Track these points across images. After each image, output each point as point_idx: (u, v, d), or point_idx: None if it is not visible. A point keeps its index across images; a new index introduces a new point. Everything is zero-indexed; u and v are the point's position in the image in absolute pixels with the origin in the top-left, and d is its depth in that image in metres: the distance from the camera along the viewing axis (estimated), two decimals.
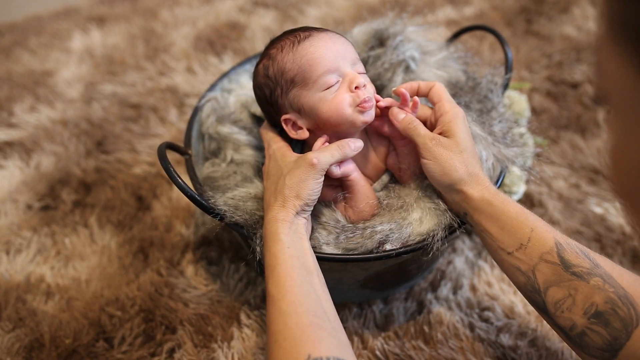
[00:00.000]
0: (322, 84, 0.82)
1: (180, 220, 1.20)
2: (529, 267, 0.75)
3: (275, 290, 0.73)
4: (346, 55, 0.84)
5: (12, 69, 1.68)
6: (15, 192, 1.29)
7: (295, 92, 0.84)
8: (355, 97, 0.82)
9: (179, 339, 1.00)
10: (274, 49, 0.87)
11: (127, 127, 1.45)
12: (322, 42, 0.84)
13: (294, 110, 0.86)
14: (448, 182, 0.80)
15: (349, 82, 0.82)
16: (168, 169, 0.84)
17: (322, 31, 0.86)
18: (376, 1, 1.86)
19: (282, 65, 0.84)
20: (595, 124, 1.36)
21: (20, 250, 1.17)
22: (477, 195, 0.79)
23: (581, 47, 1.58)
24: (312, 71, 0.82)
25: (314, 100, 0.83)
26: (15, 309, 1.05)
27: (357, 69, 0.85)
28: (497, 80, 1.01)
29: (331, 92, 0.82)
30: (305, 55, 0.83)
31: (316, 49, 0.83)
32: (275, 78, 0.85)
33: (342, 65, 0.83)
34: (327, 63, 0.82)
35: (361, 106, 0.81)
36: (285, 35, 0.88)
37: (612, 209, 1.16)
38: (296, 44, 0.84)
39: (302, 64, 0.83)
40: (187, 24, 1.83)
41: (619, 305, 0.68)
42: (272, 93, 0.87)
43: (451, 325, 1.00)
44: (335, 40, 0.85)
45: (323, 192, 0.88)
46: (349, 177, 0.86)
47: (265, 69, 0.87)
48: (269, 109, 0.90)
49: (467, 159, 0.80)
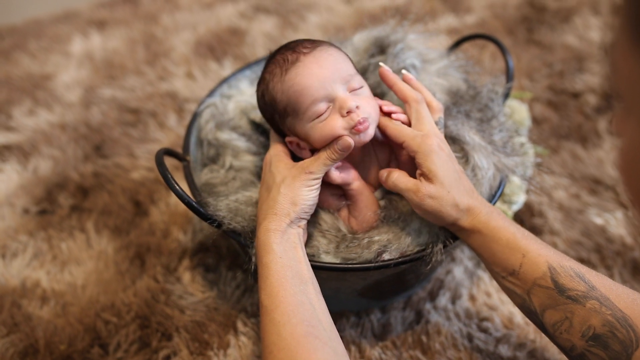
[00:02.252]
0: (312, 114, 0.81)
1: (177, 227, 1.19)
2: (524, 290, 0.75)
3: (268, 301, 0.72)
4: (335, 77, 0.81)
5: (12, 72, 1.67)
6: (13, 196, 1.28)
7: (289, 120, 0.84)
8: (349, 121, 0.80)
9: (175, 346, 0.99)
10: (267, 74, 0.86)
11: (125, 131, 1.44)
12: (308, 69, 0.81)
13: (293, 134, 0.86)
14: (442, 224, 0.82)
15: (339, 107, 0.80)
16: (165, 176, 0.83)
17: (310, 53, 0.82)
18: (377, 8, 1.86)
19: (274, 95, 0.83)
20: (596, 134, 1.35)
21: (16, 254, 1.16)
22: (468, 225, 0.78)
23: (582, 56, 1.58)
24: (299, 102, 0.81)
25: (307, 129, 0.82)
26: (10, 314, 1.05)
27: (351, 85, 0.82)
28: (497, 89, 1.01)
29: (322, 119, 0.81)
30: (291, 86, 0.81)
31: (302, 79, 0.80)
32: (271, 106, 0.85)
33: (330, 91, 0.80)
34: (314, 92, 0.80)
35: (356, 129, 0.80)
36: (278, 55, 0.85)
37: (613, 220, 1.16)
38: (284, 73, 0.82)
39: (289, 96, 0.81)
40: (187, 29, 1.82)
41: (617, 328, 0.68)
42: (272, 117, 0.87)
43: (449, 336, 0.99)
44: (323, 62, 0.81)
45: (327, 200, 0.87)
46: (350, 185, 0.85)
47: (262, 94, 0.87)
48: (273, 126, 0.90)
49: (457, 197, 0.78)
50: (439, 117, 0.86)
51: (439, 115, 0.87)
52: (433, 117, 0.85)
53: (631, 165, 0.44)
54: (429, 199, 0.77)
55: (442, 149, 0.80)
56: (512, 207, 1.09)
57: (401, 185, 0.80)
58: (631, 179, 0.44)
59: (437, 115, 0.86)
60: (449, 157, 0.81)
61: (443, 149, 0.80)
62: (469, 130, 0.89)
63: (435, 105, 0.87)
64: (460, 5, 1.85)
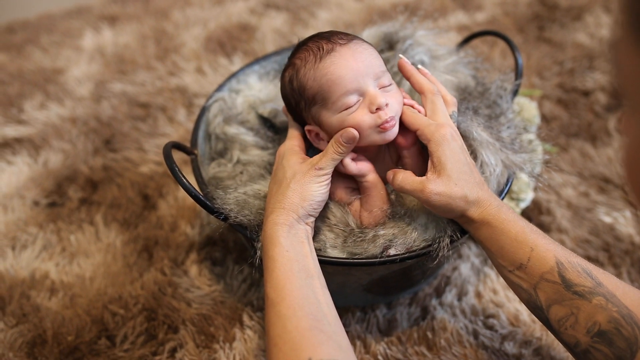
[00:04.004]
0: (341, 105, 0.81)
1: (185, 220, 1.20)
2: (530, 285, 0.75)
3: (274, 294, 0.72)
4: (369, 71, 0.81)
5: (24, 66, 1.69)
6: (23, 188, 1.30)
7: (316, 109, 0.84)
8: (377, 119, 0.80)
9: (181, 339, 1.00)
10: (298, 59, 0.85)
11: (135, 126, 1.45)
12: (344, 60, 0.81)
13: (316, 123, 0.86)
14: (451, 217, 0.82)
15: (369, 102, 0.80)
16: (173, 169, 0.84)
17: (346, 44, 0.82)
18: (387, 5, 1.86)
19: (304, 82, 0.83)
20: (606, 132, 1.34)
21: (25, 246, 1.17)
22: (477, 217, 0.78)
23: (593, 54, 1.57)
24: (331, 92, 0.81)
25: (333, 120, 0.82)
26: (19, 305, 1.06)
27: (381, 82, 0.83)
28: (506, 86, 1.00)
29: (350, 112, 0.81)
30: (325, 74, 0.81)
31: (336, 69, 0.80)
32: (299, 92, 0.84)
33: (363, 84, 0.81)
34: (347, 84, 0.80)
35: (382, 127, 0.81)
36: (310, 42, 0.85)
37: (622, 219, 1.15)
38: (318, 60, 0.82)
39: (322, 84, 0.81)
40: (198, 24, 1.83)
41: (622, 325, 0.67)
42: (297, 104, 0.87)
43: (455, 332, 0.99)
44: (358, 56, 0.81)
45: (339, 193, 0.88)
46: (365, 177, 0.85)
47: (290, 80, 0.86)
48: (294, 114, 0.90)
49: (465, 189, 0.77)
50: (453, 111, 0.87)
51: (453, 109, 0.87)
52: (447, 110, 0.85)
53: (636, 164, 0.43)
54: (435, 196, 0.77)
55: (455, 139, 0.80)
56: (520, 204, 1.09)
57: (407, 186, 0.80)
58: (635, 177, 0.44)
59: (451, 109, 0.87)
60: (461, 148, 0.81)
61: (456, 140, 0.80)
62: (477, 127, 0.89)
63: (450, 99, 0.88)
64: (470, 3, 1.84)
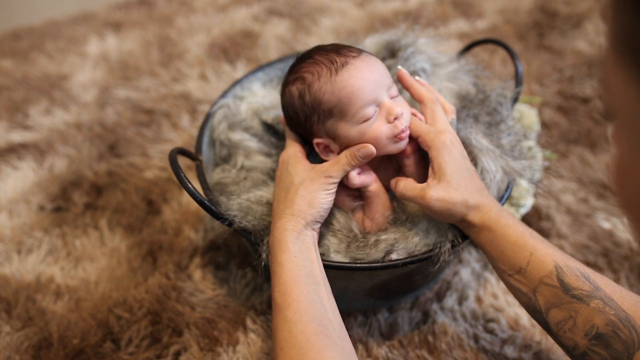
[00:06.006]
0: (361, 117, 0.82)
1: (189, 225, 1.21)
2: (530, 289, 0.76)
3: (281, 299, 0.73)
4: (382, 82, 0.83)
5: (29, 72, 1.71)
6: (29, 193, 1.31)
7: (332, 122, 0.84)
8: (394, 129, 0.82)
9: (185, 342, 1.01)
10: (308, 74, 0.84)
11: (139, 131, 1.47)
12: (360, 72, 0.81)
13: (329, 136, 0.86)
14: (452, 222, 0.83)
15: (387, 113, 0.82)
16: (179, 174, 0.85)
17: (358, 57, 0.83)
18: (389, 12, 1.87)
19: (320, 96, 0.83)
20: (605, 139, 1.36)
21: (31, 250, 1.18)
22: (478, 221, 0.80)
23: (593, 62, 1.58)
24: (351, 104, 0.81)
25: (352, 132, 0.83)
26: (25, 308, 1.07)
27: (391, 93, 0.84)
28: (506, 94, 1.02)
29: (369, 124, 0.82)
30: (344, 87, 0.81)
31: (356, 81, 0.81)
32: (312, 106, 0.84)
33: (379, 95, 0.82)
34: (366, 96, 0.81)
35: (399, 137, 0.82)
36: (318, 56, 0.85)
37: (620, 225, 1.16)
38: (334, 74, 0.82)
39: (341, 97, 0.81)
40: (201, 31, 1.85)
41: (619, 328, 0.69)
42: (307, 118, 0.86)
43: (456, 336, 1.00)
44: (372, 67, 0.83)
45: (343, 201, 0.89)
46: (368, 187, 0.87)
47: (301, 94, 0.85)
48: (299, 129, 0.90)
49: (465, 194, 0.79)
50: (452, 118, 0.89)
51: (452, 116, 0.89)
52: (447, 118, 0.87)
53: (624, 179, 0.45)
54: (435, 202, 0.79)
55: (455, 145, 0.82)
56: (520, 210, 1.10)
57: (409, 193, 0.82)
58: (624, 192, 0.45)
59: (450, 117, 0.89)
60: (461, 154, 0.82)
61: (455, 146, 0.82)
62: (477, 134, 0.90)
63: (449, 107, 0.90)
64: (471, 10, 1.86)
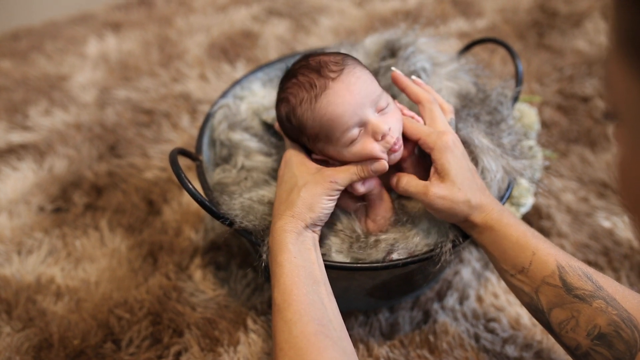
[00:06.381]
0: (346, 141, 0.81)
1: (189, 225, 1.21)
2: (532, 289, 0.76)
3: (281, 299, 0.73)
4: (365, 101, 0.80)
5: (29, 73, 1.70)
6: (28, 194, 1.31)
7: (322, 145, 0.84)
8: (385, 144, 0.81)
9: (186, 343, 1.01)
10: (291, 96, 0.84)
11: (139, 132, 1.46)
12: (339, 97, 0.80)
13: (324, 155, 0.87)
14: (454, 221, 0.83)
15: (373, 132, 0.81)
16: (179, 174, 0.85)
17: (338, 78, 0.80)
18: (388, 12, 1.87)
19: (303, 122, 0.83)
20: (605, 138, 1.36)
21: (31, 251, 1.18)
22: (480, 221, 0.80)
23: (592, 61, 1.58)
24: (333, 130, 0.81)
25: (344, 154, 0.83)
26: (25, 309, 1.07)
27: (379, 106, 0.82)
28: (507, 93, 1.02)
29: (357, 143, 0.82)
30: (324, 115, 0.80)
31: (335, 108, 0.80)
32: (300, 129, 0.84)
33: (362, 116, 0.80)
34: (347, 120, 0.80)
35: (392, 150, 0.82)
36: (300, 76, 0.84)
37: (621, 223, 1.16)
38: (313, 100, 0.81)
39: (322, 124, 0.81)
40: (201, 31, 1.85)
41: (622, 328, 0.69)
42: (299, 137, 0.87)
43: (457, 336, 1.00)
44: (353, 88, 0.80)
45: (346, 202, 0.88)
46: (372, 191, 0.87)
47: (287, 117, 0.85)
48: (294, 140, 0.90)
49: (468, 194, 0.79)
50: (451, 118, 0.88)
51: (451, 116, 0.89)
52: (445, 117, 0.87)
53: (627, 178, 0.45)
54: (438, 199, 0.79)
55: (457, 146, 0.82)
56: (520, 209, 1.10)
57: (411, 189, 0.82)
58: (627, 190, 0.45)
59: (449, 116, 0.88)
60: (463, 154, 0.82)
61: (457, 146, 0.82)
62: (478, 133, 0.90)
63: (447, 107, 0.89)
64: (471, 10, 1.86)
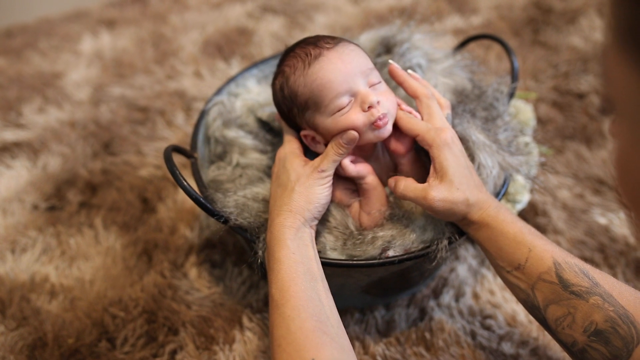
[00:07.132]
0: (334, 108, 0.82)
1: (184, 223, 1.21)
2: (528, 285, 0.76)
3: (278, 295, 0.73)
4: (357, 72, 0.82)
5: (22, 70, 1.69)
6: (22, 192, 1.30)
7: (310, 114, 0.85)
8: (370, 116, 0.81)
9: (181, 341, 1.00)
10: (287, 67, 0.86)
11: (134, 129, 1.46)
12: (332, 64, 0.82)
13: (311, 128, 0.87)
14: (452, 220, 0.83)
15: (361, 102, 0.82)
16: (173, 172, 0.85)
17: (333, 48, 0.83)
18: (384, 9, 1.87)
19: (295, 89, 0.84)
20: (600, 134, 1.36)
21: (25, 249, 1.18)
22: (477, 218, 0.80)
23: (588, 57, 1.58)
24: (322, 96, 0.82)
25: (327, 123, 0.84)
26: (19, 308, 1.06)
27: (370, 80, 0.84)
28: (503, 89, 1.01)
29: (343, 113, 0.82)
30: (315, 80, 0.82)
31: (326, 73, 0.81)
32: (291, 99, 0.86)
33: (353, 85, 0.82)
34: (337, 87, 0.81)
35: (376, 124, 0.82)
36: (297, 49, 0.86)
37: (616, 220, 1.16)
38: (307, 67, 0.83)
39: (312, 89, 0.82)
40: (196, 28, 1.84)
41: (619, 324, 0.68)
42: (289, 111, 0.88)
43: (453, 333, 1.00)
44: (345, 57, 0.83)
45: (339, 195, 0.89)
46: (365, 179, 0.87)
47: (281, 88, 0.87)
48: (288, 120, 0.91)
49: (467, 192, 0.79)
50: (447, 113, 0.88)
51: (448, 111, 0.89)
52: (442, 112, 0.86)
53: (624, 172, 0.44)
54: (438, 202, 0.78)
55: (455, 142, 0.82)
56: (516, 206, 1.10)
57: (410, 194, 0.81)
58: (624, 185, 0.45)
59: (445, 112, 0.88)
60: (461, 151, 0.82)
61: (456, 143, 0.82)
62: (474, 129, 0.90)
63: (444, 102, 0.89)
64: (466, 6, 1.86)
